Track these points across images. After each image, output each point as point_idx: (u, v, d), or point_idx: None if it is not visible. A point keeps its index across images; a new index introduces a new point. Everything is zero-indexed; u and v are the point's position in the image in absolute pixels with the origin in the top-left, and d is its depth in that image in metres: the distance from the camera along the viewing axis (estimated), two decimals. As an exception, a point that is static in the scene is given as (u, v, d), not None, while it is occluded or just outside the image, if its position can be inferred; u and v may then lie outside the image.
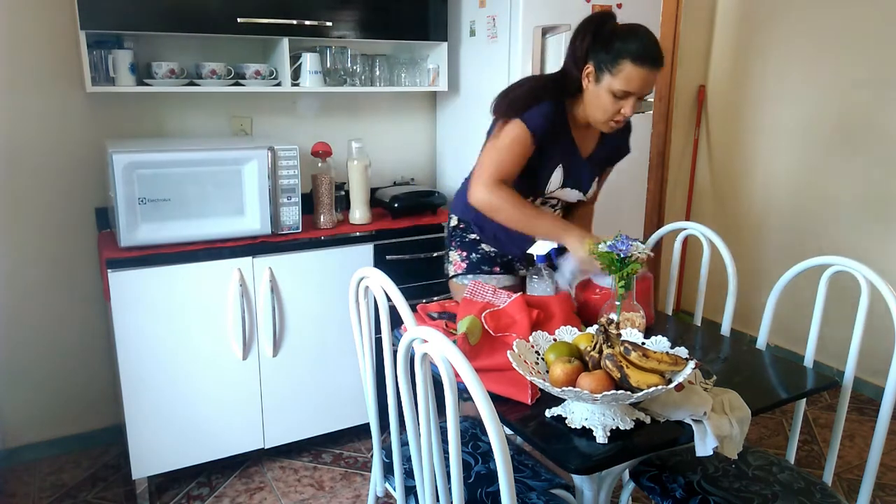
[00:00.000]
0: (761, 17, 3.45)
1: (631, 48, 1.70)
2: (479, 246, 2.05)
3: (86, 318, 2.59)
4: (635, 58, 1.69)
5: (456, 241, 2.09)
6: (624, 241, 1.59)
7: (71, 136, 2.45)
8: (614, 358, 1.31)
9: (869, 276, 1.65)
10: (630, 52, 1.70)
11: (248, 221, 2.30)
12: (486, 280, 2.00)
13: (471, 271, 2.04)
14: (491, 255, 2.05)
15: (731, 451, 1.34)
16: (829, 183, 3.22)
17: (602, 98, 1.77)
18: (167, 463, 2.31)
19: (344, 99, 2.91)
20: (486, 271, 2.04)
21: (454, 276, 2.08)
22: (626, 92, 1.73)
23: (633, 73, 1.70)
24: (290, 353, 2.43)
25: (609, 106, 1.77)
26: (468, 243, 2.06)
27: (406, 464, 1.65)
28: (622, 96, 1.74)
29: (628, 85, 1.72)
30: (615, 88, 1.73)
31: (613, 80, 1.73)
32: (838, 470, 2.55)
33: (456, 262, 2.08)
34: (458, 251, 2.07)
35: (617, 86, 1.73)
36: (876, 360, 2.68)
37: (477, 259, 2.05)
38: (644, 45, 1.70)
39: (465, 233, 2.07)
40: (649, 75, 1.71)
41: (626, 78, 1.71)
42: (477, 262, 2.04)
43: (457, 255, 2.08)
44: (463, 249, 2.07)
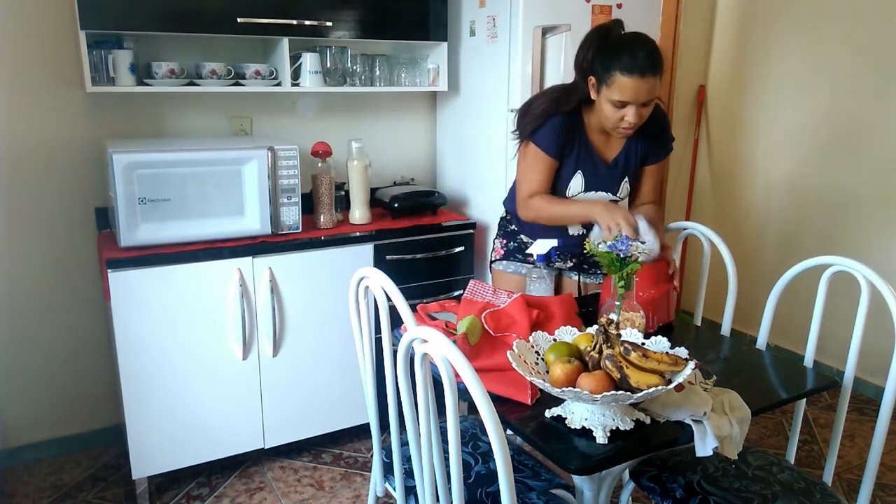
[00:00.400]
0: (761, 17, 3.45)
1: (622, 59, 1.74)
2: (517, 236, 2.19)
3: (86, 317, 2.59)
4: (625, 68, 1.73)
5: (501, 230, 2.26)
6: (624, 241, 1.59)
7: (71, 136, 2.45)
8: (614, 358, 1.31)
9: (869, 276, 1.65)
10: (620, 63, 1.74)
11: (248, 221, 2.30)
12: (517, 267, 2.17)
13: (506, 258, 2.20)
14: (526, 246, 2.16)
15: (731, 452, 1.34)
16: (829, 183, 3.22)
17: (604, 108, 1.83)
18: (167, 463, 2.31)
19: (344, 99, 2.91)
20: (520, 259, 2.18)
21: (493, 262, 2.25)
22: (623, 101, 1.77)
23: (625, 83, 1.74)
24: (290, 353, 2.43)
25: (611, 115, 1.82)
26: (509, 233, 2.22)
27: (406, 464, 1.65)
28: (621, 105, 1.79)
29: (622, 95, 1.76)
30: (612, 98, 1.78)
31: (609, 90, 1.78)
32: (838, 470, 2.55)
33: (497, 249, 2.25)
34: (500, 239, 2.24)
35: (613, 96, 1.78)
36: (876, 360, 2.68)
37: (514, 247, 2.20)
38: (635, 55, 1.73)
39: (508, 223, 2.23)
40: (642, 84, 1.74)
41: (619, 88, 1.76)
42: (513, 250, 2.20)
43: (499, 242, 2.25)
44: (504, 238, 2.23)
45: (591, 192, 2.01)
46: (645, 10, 2.70)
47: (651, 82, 1.74)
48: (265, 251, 2.31)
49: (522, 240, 2.17)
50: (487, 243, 2.79)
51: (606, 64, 1.77)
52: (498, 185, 2.67)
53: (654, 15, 2.75)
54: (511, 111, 2.57)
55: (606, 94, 1.79)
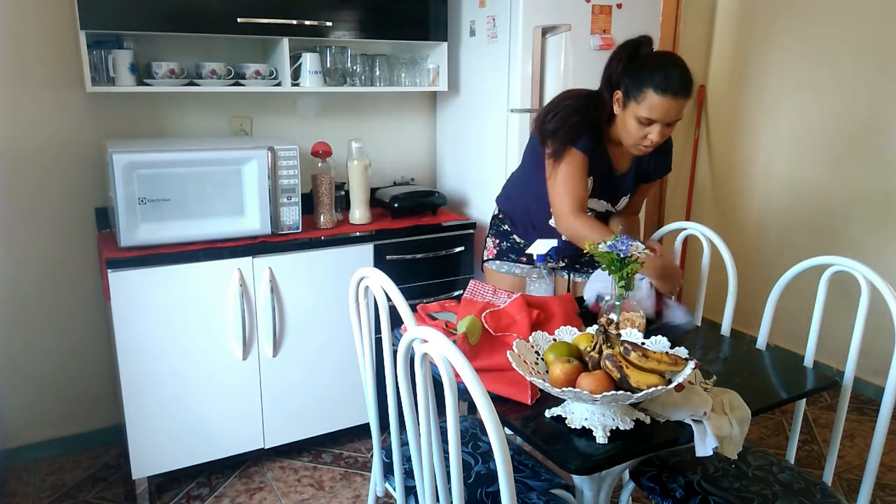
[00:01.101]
0: (761, 16, 3.45)
1: (655, 77, 1.72)
2: (510, 236, 2.19)
3: (86, 318, 2.59)
4: (658, 87, 1.71)
5: (493, 229, 2.25)
6: (624, 241, 1.59)
7: (71, 136, 2.45)
8: (614, 358, 1.31)
9: (869, 276, 1.65)
10: (654, 81, 1.72)
11: (248, 221, 2.30)
12: (511, 267, 2.17)
13: (499, 257, 2.20)
14: (520, 246, 2.16)
15: (731, 452, 1.34)
16: (830, 182, 3.22)
17: (629, 124, 1.80)
18: (167, 463, 2.31)
19: (344, 99, 2.91)
20: (513, 259, 2.19)
21: (486, 261, 2.25)
22: (650, 119, 1.76)
23: (656, 101, 1.72)
24: (290, 353, 2.43)
25: (635, 132, 1.80)
26: (502, 232, 2.21)
27: (406, 464, 1.65)
28: (647, 123, 1.77)
29: (651, 113, 1.74)
30: (640, 115, 1.76)
31: (638, 107, 1.76)
32: (838, 470, 2.55)
33: (489, 248, 2.24)
34: (493, 238, 2.24)
35: (641, 113, 1.76)
36: (876, 360, 2.68)
37: (507, 247, 2.20)
38: (669, 74, 1.72)
39: (501, 223, 2.22)
40: (673, 104, 1.73)
41: (649, 106, 1.74)
42: (506, 250, 2.20)
43: (491, 241, 2.24)
44: (497, 237, 2.22)
45: (594, 199, 2.01)
46: (645, 10, 2.70)
47: (681, 104, 1.74)
48: (265, 251, 2.31)
49: (516, 240, 2.17)
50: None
51: (638, 80, 1.74)
52: (498, 185, 2.66)
53: (654, 15, 2.75)
54: (511, 111, 2.57)
55: (634, 110, 1.77)
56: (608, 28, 2.62)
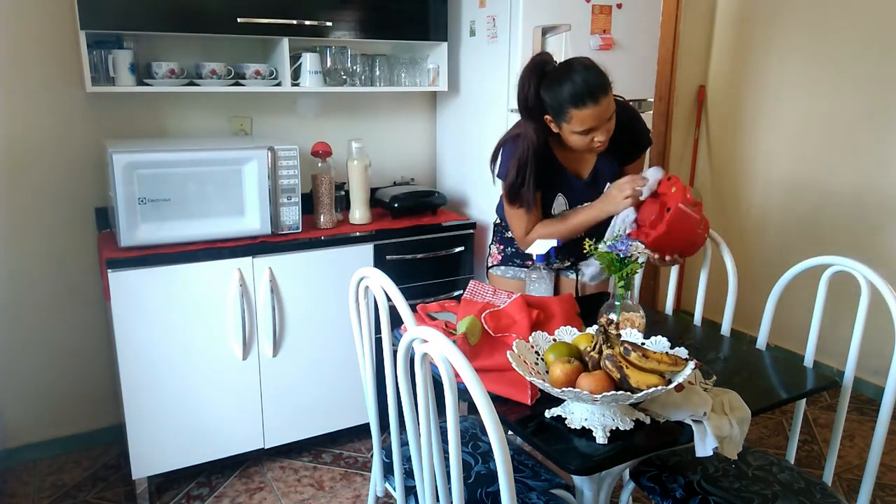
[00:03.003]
0: (761, 17, 3.45)
1: (567, 95, 1.74)
2: (514, 241, 2.18)
3: (86, 318, 2.59)
4: (574, 102, 1.74)
5: (497, 236, 2.27)
6: (624, 241, 1.59)
7: (71, 136, 2.45)
8: (614, 358, 1.31)
9: (869, 276, 1.65)
10: (568, 99, 1.74)
11: (248, 221, 2.30)
12: (516, 272, 2.19)
13: (504, 263, 2.23)
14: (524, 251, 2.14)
15: (730, 452, 1.34)
16: (830, 182, 3.22)
17: (571, 139, 1.84)
18: (167, 463, 2.31)
19: (344, 99, 2.91)
20: (518, 264, 2.20)
21: (492, 267, 2.26)
22: (585, 130, 1.79)
23: (582, 114, 1.75)
24: (290, 353, 2.43)
25: (581, 142, 1.83)
26: (506, 238, 2.22)
27: (406, 464, 1.65)
28: (585, 132, 1.80)
29: (583, 124, 1.77)
30: (575, 129, 1.79)
31: (570, 125, 1.79)
32: (838, 470, 2.55)
33: (494, 255, 2.26)
34: (497, 245, 2.25)
35: (576, 129, 1.79)
36: (876, 360, 2.68)
37: (511, 252, 2.21)
38: (576, 85, 1.73)
39: (504, 229, 2.23)
40: (596, 109, 1.74)
41: (578, 121, 1.77)
42: (511, 255, 2.22)
43: (495, 248, 2.26)
44: (501, 243, 2.24)
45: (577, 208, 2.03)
46: (645, 10, 2.70)
47: (605, 102, 1.75)
48: (265, 251, 2.31)
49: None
50: (487, 244, 2.79)
51: (556, 103, 1.77)
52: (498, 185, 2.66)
53: (654, 15, 2.75)
54: (511, 111, 2.57)
55: (568, 129, 1.80)
56: (608, 28, 2.62)
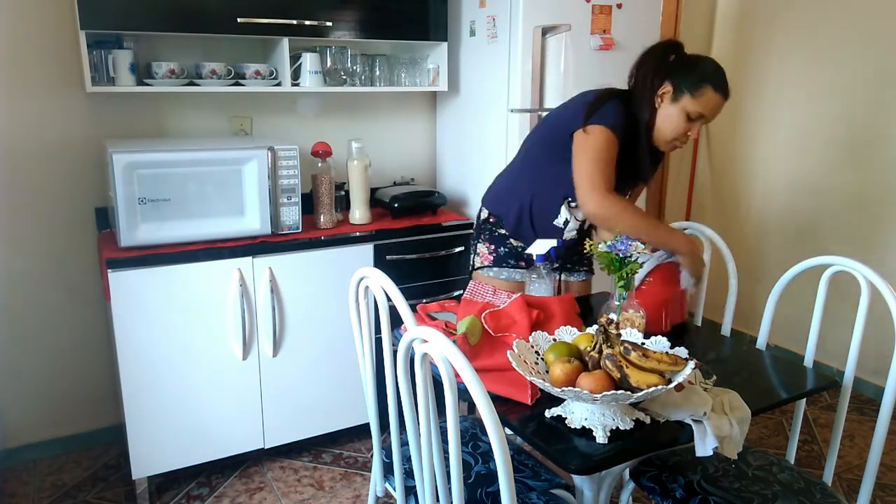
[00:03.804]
0: (761, 17, 3.45)
1: (713, 75, 1.79)
2: (507, 240, 2.10)
3: (86, 318, 2.59)
4: (716, 85, 1.79)
5: (485, 234, 2.13)
6: (623, 241, 1.59)
7: (71, 136, 2.45)
8: (614, 358, 1.31)
9: (869, 276, 1.65)
10: (712, 80, 1.79)
11: (248, 221, 2.30)
12: (511, 273, 2.08)
13: (497, 264, 2.10)
14: (518, 251, 2.09)
15: (730, 452, 1.34)
16: (830, 182, 3.22)
17: (674, 118, 1.84)
18: (167, 463, 2.31)
19: (344, 99, 2.91)
20: (512, 265, 2.10)
21: (480, 269, 2.13)
22: (701, 114, 1.81)
23: (712, 98, 1.79)
24: (290, 353, 2.43)
25: (680, 126, 1.84)
26: (497, 237, 2.10)
27: (406, 464, 1.65)
28: (696, 118, 1.82)
29: (705, 108, 1.80)
30: (691, 110, 1.81)
31: (694, 101, 1.80)
32: (838, 470, 2.55)
33: (483, 255, 2.12)
34: (487, 244, 2.12)
35: (695, 108, 1.80)
36: (876, 360, 2.68)
37: (504, 253, 2.10)
38: (722, 75, 1.80)
39: (495, 227, 2.11)
40: (721, 104, 1.81)
41: (705, 102, 1.80)
42: (504, 256, 2.10)
43: (485, 247, 2.12)
44: (491, 243, 2.11)
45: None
46: (645, 10, 2.70)
47: (723, 105, 1.82)
48: (265, 251, 2.31)
49: (513, 244, 2.09)
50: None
51: (697, 77, 1.79)
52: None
53: (654, 15, 2.75)
54: (511, 111, 2.57)
55: (686, 105, 1.80)
56: (608, 28, 2.62)
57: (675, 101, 1.82)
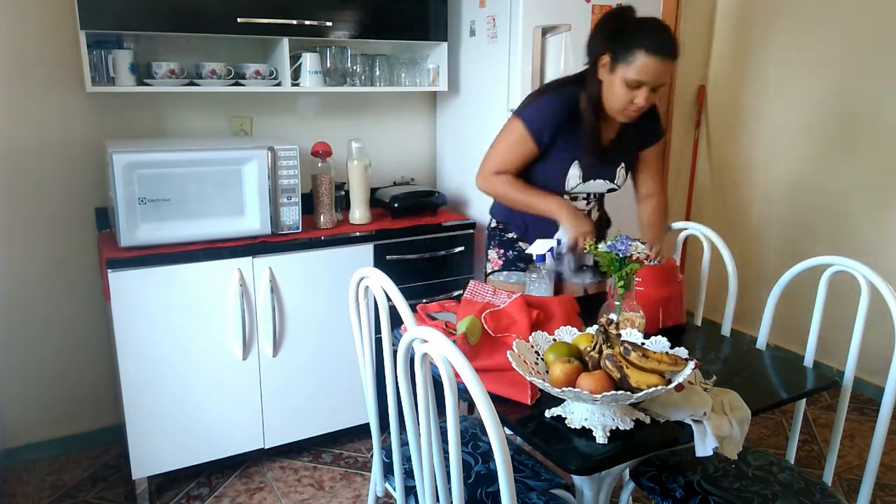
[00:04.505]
0: (761, 16, 3.45)
1: (644, 39, 1.74)
2: (516, 244, 2.14)
3: (86, 318, 2.59)
4: (648, 48, 1.73)
5: (495, 240, 2.18)
6: (623, 241, 1.59)
7: (71, 136, 2.45)
8: (614, 358, 1.31)
9: (869, 276, 1.65)
10: (643, 43, 1.74)
11: (248, 221, 2.30)
12: (520, 277, 2.11)
13: (506, 268, 2.14)
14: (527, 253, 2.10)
15: (730, 452, 1.34)
16: (830, 182, 3.22)
17: (616, 87, 1.81)
18: (167, 463, 2.31)
19: (344, 99, 2.91)
20: (522, 268, 2.12)
21: (491, 273, 2.18)
22: (639, 81, 1.77)
23: (646, 62, 1.74)
24: (290, 353, 2.43)
25: (623, 95, 1.81)
26: (506, 242, 2.15)
27: (406, 464, 1.65)
28: (635, 86, 1.78)
29: (641, 74, 1.75)
30: (628, 78, 1.77)
31: (627, 69, 1.77)
32: (838, 470, 2.55)
33: (494, 260, 2.18)
34: (497, 249, 2.17)
35: (630, 75, 1.76)
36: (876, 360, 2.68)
37: (513, 256, 2.14)
38: (657, 36, 1.74)
39: (503, 232, 2.16)
40: (661, 66, 1.74)
41: (638, 67, 1.75)
42: (513, 259, 2.14)
43: (495, 253, 2.18)
44: (501, 247, 2.16)
45: (589, 181, 2.01)
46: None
47: (669, 66, 1.76)
48: (265, 251, 2.31)
49: (521, 247, 2.14)
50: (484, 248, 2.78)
51: (628, 43, 1.75)
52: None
53: (653, 15, 2.74)
54: (511, 111, 2.57)
55: (623, 73, 1.77)
56: (608, 28, 2.62)
57: (613, 70, 1.80)
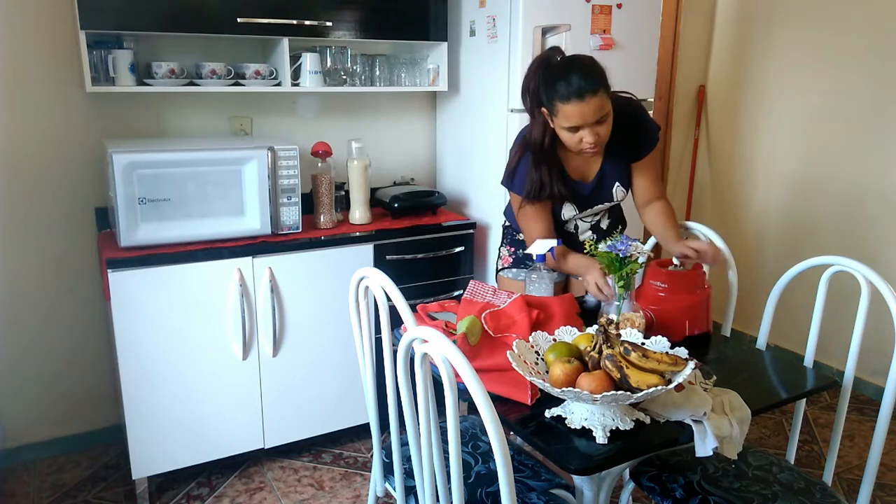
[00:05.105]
0: (761, 17, 3.45)
1: (558, 88, 1.75)
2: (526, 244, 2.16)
3: (86, 318, 2.59)
4: (562, 97, 1.75)
5: (507, 238, 2.28)
6: (623, 241, 1.59)
7: (71, 136, 2.45)
8: (614, 358, 1.31)
9: (869, 276, 1.65)
10: (557, 93, 1.75)
11: (248, 221, 2.30)
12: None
13: (516, 265, 2.23)
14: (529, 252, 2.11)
15: (730, 452, 1.34)
16: (830, 182, 3.22)
17: (562, 135, 1.84)
18: (167, 463, 2.31)
19: (344, 99, 2.91)
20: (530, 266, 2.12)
21: (501, 270, 2.26)
22: (574, 126, 1.78)
23: (568, 110, 1.75)
24: (290, 353, 2.43)
25: (570, 140, 1.83)
26: (517, 241, 2.24)
27: (406, 464, 1.65)
28: (574, 130, 1.80)
29: (570, 121, 1.77)
30: (563, 126, 1.80)
31: (558, 119, 1.80)
32: (838, 470, 2.55)
33: (504, 258, 2.27)
34: (508, 247, 2.26)
35: (563, 124, 1.79)
36: (876, 360, 2.68)
37: (523, 255, 2.21)
38: (569, 80, 1.73)
39: (515, 232, 2.23)
40: (584, 106, 1.74)
41: (564, 116, 1.77)
42: (522, 258, 2.22)
43: (506, 250, 2.27)
44: (511, 246, 2.25)
45: (587, 211, 2.05)
46: (645, 10, 2.70)
47: (594, 102, 1.73)
48: (265, 251, 2.31)
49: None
50: (487, 244, 2.79)
51: (548, 96, 1.78)
52: (498, 185, 2.66)
53: (654, 15, 2.75)
54: (511, 111, 2.57)
55: (558, 123, 1.81)
56: (608, 28, 2.62)
57: (553, 121, 1.83)
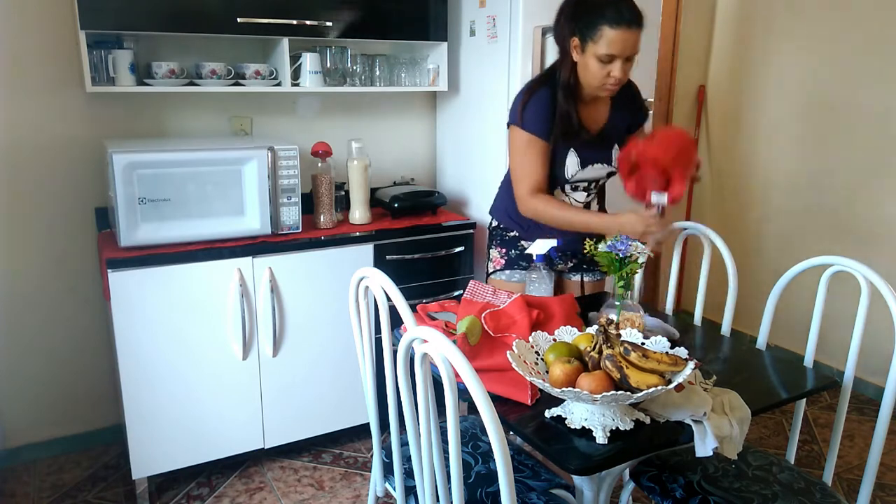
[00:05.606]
0: (761, 17, 3.45)
1: (607, 13, 1.77)
2: (518, 243, 2.14)
3: (86, 318, 2.59)
4: (612, 21, 1.77)
5: (496, 240, 2.19)
6: (623, 241, 1.59)
7: (71, 136, 2.45)
8: (614, 358, 1.31)
9: (869, 276, 1.65)
10: (606, 17, 1.78)
11: (248, 221, 2.30)
12: (522, 275, 2.12)
13: (509, 267, 2.15)
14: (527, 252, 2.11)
15: (730, 452, 1.34)
16: (829, 182, 3.22)
17: (590, 66, 1.84)
18: (167, 463, 2.31)
19: (344, 99, 2.91)
20: (524, 267, 2.13)
21: (493, 273, 2.19)
22: (610, 55, 1.80)
23: (613, 35, 1.78)
24: (290, 353, 2.43)
25: (598, 72, 1.84)
26: (508, 241, 2.16)
27: (406, 464, 1.65)
28: (608, 60, 1.81)
29: (610, 48, 1.79)
30: (599, 53, 1.81)
31: (596, 46, 1.80)
32: (838, 470, 2.55)
33: (496, 259, 2.19)
34: (498, 249, 2.18)
35: (600, 51, 1.80)
36: (876, 360, 2.68)
37: (515, 255, 2.15)
38: (620, 8, 1.77)
39: (504, 231, 2.17)
40: (629, 36, 1.78)
41: (607, 42, 1.79)
42: (515, 258, 2.15)
43: (497, 252, 2.19)
44: (503, 247, 2.17)
45: (588, 167, 2.02)
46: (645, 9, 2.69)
47: (637, 34, 1.79)
48: (265, 251, 2.31)
49: (524, 246, 2.13)
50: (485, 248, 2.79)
51: (592, 20, 1.79)
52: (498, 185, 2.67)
53: (654, 15, 2.75)
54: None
55: (593, 50, 1.81)
56: (608, 28, 2.62)
57: (584, 50, 1.84)
